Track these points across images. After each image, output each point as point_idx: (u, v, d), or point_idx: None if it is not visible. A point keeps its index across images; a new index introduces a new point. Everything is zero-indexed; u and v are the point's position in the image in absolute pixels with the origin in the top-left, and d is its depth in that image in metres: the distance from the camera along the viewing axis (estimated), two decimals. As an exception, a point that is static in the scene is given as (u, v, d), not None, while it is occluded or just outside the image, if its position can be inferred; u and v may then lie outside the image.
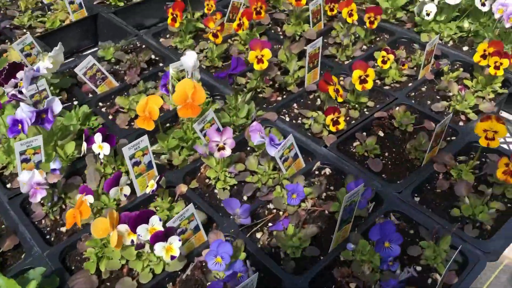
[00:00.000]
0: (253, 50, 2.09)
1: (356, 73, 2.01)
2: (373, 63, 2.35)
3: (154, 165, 1.72)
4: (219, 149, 1.68)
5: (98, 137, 1.68)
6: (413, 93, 2.24)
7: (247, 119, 2.01)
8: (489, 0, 2.41)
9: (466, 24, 2.54)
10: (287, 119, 2.11)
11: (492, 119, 1.64)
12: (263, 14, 2.49)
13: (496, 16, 2.22)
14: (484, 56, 2.15)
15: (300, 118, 2.12)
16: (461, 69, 2.32)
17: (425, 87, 2.28)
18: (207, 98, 2.00)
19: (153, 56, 2.51)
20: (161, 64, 2.46)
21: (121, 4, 2.92)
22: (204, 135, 1.80)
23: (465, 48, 2.51)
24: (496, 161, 1.68)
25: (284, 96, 2.24)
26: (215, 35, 2.30)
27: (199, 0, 2.87)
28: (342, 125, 1.95)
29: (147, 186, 1.65)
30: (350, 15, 2.50)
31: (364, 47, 2.57)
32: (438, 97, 2.22)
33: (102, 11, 2.84)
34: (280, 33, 2.69)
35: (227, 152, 1.68)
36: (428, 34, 2.54)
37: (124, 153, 1.61)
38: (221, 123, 1.95)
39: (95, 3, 2.93)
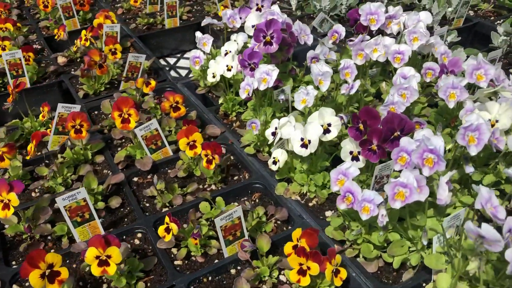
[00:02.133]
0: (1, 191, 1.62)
1: (91, 252, 1.44)
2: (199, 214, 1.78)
3: None
4: None
5: None
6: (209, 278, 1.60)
7: None
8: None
9: (336, 180, 1.85)
10: None
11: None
12: (84, 133, 2.01)
13: (339, 202, 1.52)
14: (297, 248, 1.47)
15: None
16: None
17: (235, 270, 1.64)
18: None
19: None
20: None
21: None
22: None
23: (329, 213, 1.82)
24: None
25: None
26: (-3, 159, 1.86)
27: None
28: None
29: None
30: (193, 149, 1.95)
31: (207, 186, 1.98)
32: (241, 290, 1.56)
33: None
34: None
35: None
36: (287, 187, 1.89)
37: None
38: None
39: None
